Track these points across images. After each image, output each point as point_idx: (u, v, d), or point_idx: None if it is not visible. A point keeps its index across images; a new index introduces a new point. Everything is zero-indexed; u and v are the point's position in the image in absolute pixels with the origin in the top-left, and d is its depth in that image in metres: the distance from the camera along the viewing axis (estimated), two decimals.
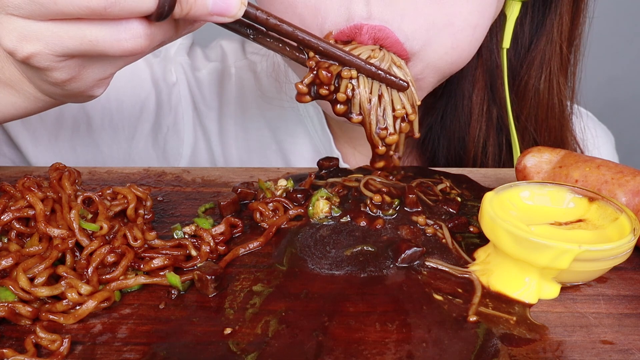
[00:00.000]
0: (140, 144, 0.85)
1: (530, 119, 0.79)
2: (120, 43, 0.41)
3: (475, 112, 0.78)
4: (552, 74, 0.77)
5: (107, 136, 0.84)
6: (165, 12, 0.41)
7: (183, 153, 0.87)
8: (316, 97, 0.57)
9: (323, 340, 0.42)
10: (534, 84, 0.77)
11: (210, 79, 0.88)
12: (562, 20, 0.74)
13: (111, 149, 0.84)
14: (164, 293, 0.47)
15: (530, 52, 0.76)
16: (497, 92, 0.78)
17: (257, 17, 0.49)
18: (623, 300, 0.47)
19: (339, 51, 0.55)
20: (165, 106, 0.85)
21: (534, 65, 0.76)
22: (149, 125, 0.85)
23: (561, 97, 0.79)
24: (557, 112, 0.79)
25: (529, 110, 0.78)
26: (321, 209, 0.56)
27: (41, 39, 0.41)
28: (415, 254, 0.50)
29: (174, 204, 0.60)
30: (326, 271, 0.49)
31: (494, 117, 0.79)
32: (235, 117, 0.88)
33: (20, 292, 0.44)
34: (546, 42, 0.75)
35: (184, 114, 0.86)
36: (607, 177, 0.53)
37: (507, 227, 0.46)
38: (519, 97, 0.78)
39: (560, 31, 0.75)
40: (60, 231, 0.47)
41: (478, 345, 0.41)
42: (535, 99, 0.78)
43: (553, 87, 0.77)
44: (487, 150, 0.80)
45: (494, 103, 0.78)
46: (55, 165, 0.54)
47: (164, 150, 0.86)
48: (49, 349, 0.41)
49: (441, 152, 0.81)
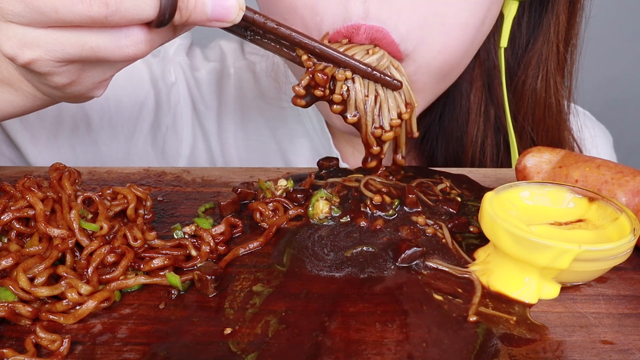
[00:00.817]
0: (139, 144, 0.85)
1: (528, 119, 0.79)
2: (122, 49, 0.42)
3: (473, 111, 0.78)
4: (549, 74, 0.77)
5: (106, 135, 0.84)
6: (166, 20, 0.41)
7: (182, 153, 0.87)
8: (312, 101, 0.57)
9: (323, 340, 0.42)
10: (531, 84, 0.77)
11: (209, 79, 0.88)
12: (559, 20, 0.74)
13: (110, 149, 0.84)
14: (164, 293, 0.47)
15: (527, 52, 0.77)
16: (495, 92, 0.78)
17: (254, 20, 0.50)
18: (623, 300, 0.47)
19: (335, 52, 0.55)
20: (164, 106, 0.85)
21: (530, 65, 0.77)
22: (148, 124, 0.85)
23: (558, 96, 0.79)
24: (554, 111, 0.79)
25: (526, 109, 0.78)
26: (321, 210, 0.56)
27: (42, 46, 0.41)
28: (415, 254, 0.50)
29: (174, 204, 0.60)
30: (326, 271, 0.49)
31: (491, 117, 0.79)
32: (234, 117, 0.88)
33: (20, 292, 0.44)
34: (543, 42, 0.75)
35: (183, 113, 0.86)
36: (607, 177, 0.53)
37: (507, 227, 0.46)
38: (516, 97, 0.78)
39: (557, 31, 0.75)
40: (60, 231, 0.47)
41: (478, 345, 0.41)
42: (533, 99, 0.78)
43: (550, 87, 0.78)
44: (485, 150, 0.80)
45: (492, 103, 0.79)
46: (55, 165, 0.54)
47: (163, 150, 0.86)
48: (49, 349, 0.41)
49: (439, 151, 0.82)
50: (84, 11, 0.38)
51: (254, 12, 0.50)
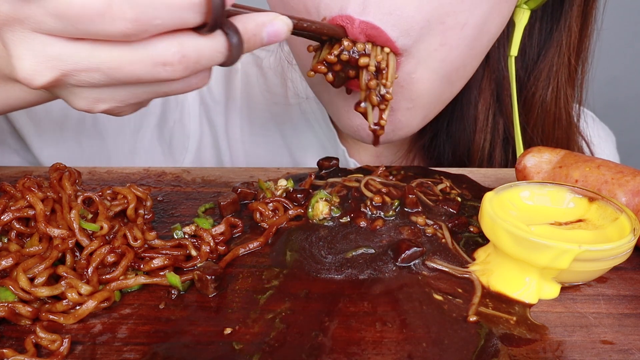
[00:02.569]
0: (146, 138, 0.85)
1: (537, 130, 0.79)
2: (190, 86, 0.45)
3: (481, 121, 0.78)
4: (560, 85, 0.76)
5: (113, 129, 0.84)
6: (234, 63, 0.44)
7: (189, 147, 0.87)
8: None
9: (323, 340, 0.42)
10: (541, 95, 0.77)
11: (216, 73, 0.88)
12: (571, 31, 0.74)
13: (116, 142, 0.84)
14: (164, 293, 0.47)
15: (537, 63, 0.76)
16: (504, 102, 0.77)
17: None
18: (623, 300, 0.47)
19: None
20: (172, 100, 0.86)
21: (541, 77, 0.76)
22: (155, 118, 0.85)
23: (568, 108, 0.79)
24: (564, 123, 0.79)
25: (536, 121, 0.78)
26: (321, 211, 0.56)
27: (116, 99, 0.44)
28: (415, 254, 0.50)
29: (174, 204, 0.60)
30: (326, 271, 0.49)
31: (500, 127, 0.79)
32: (241, 112, 0.88)
33: (20, 292, 0.44)
34: (554, 54, 0.75)
35: (191, 108, 0.87)
36: (607, 177, 0.53)
37: (507, 227, 0.46)
38: (526, 108, 0.78)
39: (569, 42, 0.74)
40: (61, 231, 0.47)
41: (478, 345, 0.41)
42: (542, 110, 0.78)
43: (560, 99, 0.77)
44: (493, 161, 0.80)
45: (501, 114, 0.78)
46: (55, 165, 0.54)
47: (170, 144, 0.86)
48: (49, 349, 0.41)
49: (446, 158, 0.82)
50: (166, 76, 0.41)
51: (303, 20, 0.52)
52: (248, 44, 0.44)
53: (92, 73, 0.40)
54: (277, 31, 0.46)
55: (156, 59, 0.40)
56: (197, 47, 0.41)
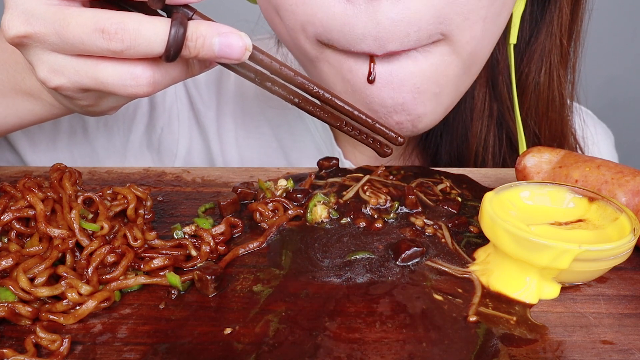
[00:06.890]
0: (135, 145, 0.85)
1: (531, 113, 0.79)
2: (126, 88, 0.48)
3: (478, 108, 0.78)
4: (552, 67, 0.76)
5: (103, 138, 0.84)
6: (172, 55, 0.46)
7: (178, 154, 0.87)
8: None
9: (323, 340, 0.42)
10: (534, 77, 0.77)
11: (208, 78, 0.88)
12: (562, 13, 0.74)
13: (107, 151, 0.85)
14: (164, 293, 0.47)
15: (530, 46, 0.76)
16: (498, 88, 0.77)
17: (261, 61, 0.51)
18: (623, 300, 0.47)
19: (339, 100, 0.55)
20: (159, 107, 0.86)
21: (534, 59, 0.76)
22: (143, 126, 0.85)
23: (561, 89, 0.79)
24: (557, 105, 0.79)
25: (530, 103, 0.78)
26: (319, 215, 0.56)
27: (65, 74, 0.48)
28: (415, 254, 0.50)
29: (174, 204, 0.60)
30: (326, 272, 0.49)
31: (494, 112, 0.79)
32: (234, 116, 0.88)
33: (20, 292, 0.44)
34: (546, 36, 0.75)
35: (179, 114, 0.87)
36: (607, 177, 0.53)
37: (507, 227, 0.46)
38: (520, 91, 0.78)
39: (560, 24, 0.74)
40: (61, 231, 0.47)
41: (478, 345, 0.41)
42: (536, 92, 0.78)
43: (553, 80, 0.77)
44: (487, 146, 0.79)
45: (495, 99, 0.78)
46: (56, 165, 0.54)
47: (159, 152, 0.86)
48: (49, 349, 0.41)
49: (444, 149, 0.81)
50: (103, 44, 0.45)
51: (262, 53, 0.51)
52: (195, 43, 0.47)
53: (50, 37, 0.46)
54: (230, 43, 0.47)
55: (97, 24, 0.45)
56: (138, 25, 0.45)
